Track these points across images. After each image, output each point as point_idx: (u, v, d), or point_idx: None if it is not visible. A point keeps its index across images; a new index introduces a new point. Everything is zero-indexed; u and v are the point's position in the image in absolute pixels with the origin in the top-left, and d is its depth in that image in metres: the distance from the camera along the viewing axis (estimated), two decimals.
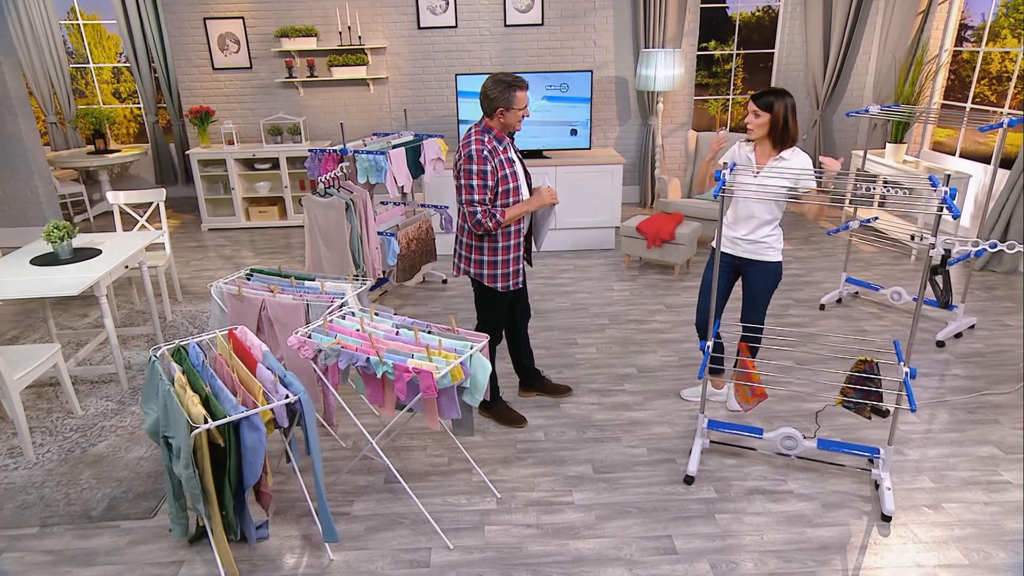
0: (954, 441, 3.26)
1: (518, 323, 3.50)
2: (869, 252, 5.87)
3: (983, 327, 4.39)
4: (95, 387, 3.91)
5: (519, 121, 3.05)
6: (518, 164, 3.17)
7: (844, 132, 7.39)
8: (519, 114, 3.01)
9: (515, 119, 3.02)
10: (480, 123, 3.07)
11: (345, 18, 6.81)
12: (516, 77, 2.98)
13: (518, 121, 3.04)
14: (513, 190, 3.07)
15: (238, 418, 2.23)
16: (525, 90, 2.99)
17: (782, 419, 3.46)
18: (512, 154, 3.14)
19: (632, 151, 7.45)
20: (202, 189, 6.89)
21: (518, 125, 3.06)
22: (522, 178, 3.18)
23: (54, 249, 3.86)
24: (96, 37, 8.56)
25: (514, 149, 3.18)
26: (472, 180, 2.96)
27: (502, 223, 3.04)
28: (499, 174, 3.02)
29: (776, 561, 2.56)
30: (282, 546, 2.69)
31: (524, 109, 3.02)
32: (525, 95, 3.00)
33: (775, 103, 2.98)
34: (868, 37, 7.01)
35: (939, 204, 2.41)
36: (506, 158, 3.06)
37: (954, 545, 2.62)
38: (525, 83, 2.99)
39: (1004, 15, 6.18)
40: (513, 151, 3.16)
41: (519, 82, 2.97)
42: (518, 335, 3.54)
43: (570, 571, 2.54)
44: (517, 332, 3.52)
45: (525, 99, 3.00)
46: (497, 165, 3.01)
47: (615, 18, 6.94)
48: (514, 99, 2.97)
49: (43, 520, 2.84)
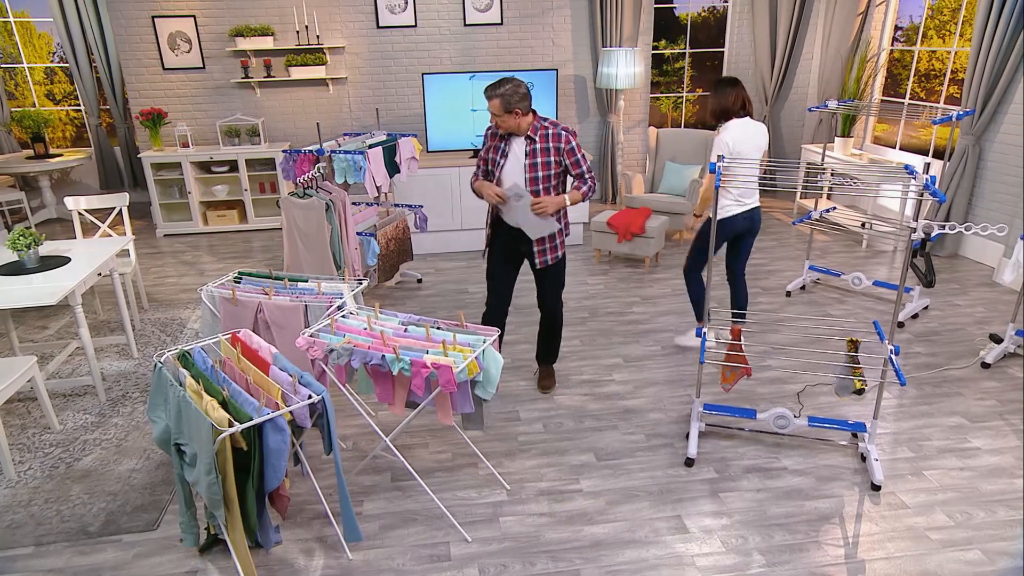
0: (925, 413, 3.48)
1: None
2: (823, 241, 6.17)
3: (935, 307, 4.69)
4: (69, 400, 3.75)
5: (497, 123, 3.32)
6: (512, 158, 3.37)
7: (791, 127, 7.72)
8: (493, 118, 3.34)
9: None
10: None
11: (302, 17, 6.69)
12: (488, 86, 3.24)
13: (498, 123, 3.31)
14: (492, 173, 3.46)
15: (264, 420, 2.20)
16: (487, 97, 3.25)
17: (767, 400, 3.62)
18: (506, 147, 3.38)
19: (591, 149, 7.59)
20: (156, 194, 6.64)
21: (501, 126, 3.32)
22: (507, 170, 3.38)
23: (20, 258, 3.69)
24: (26, 36, 8.13)
25: (530, 150, 3.32)
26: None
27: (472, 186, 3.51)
28: (488, 156, 3.45)
29: (782, 533, 2.69)
30: (297, 549, 2.66)
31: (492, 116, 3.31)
32: (488, 102, 3.26)
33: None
34: (811, 37, 7.36)
35: (921, 190, 2.59)
36: (502, 148, 3.39)
37: (938, 508, 2.82)
38: (488, 94, 3.23)
39: (930, 16, 6.60)
40: (517, 147, 3.36)
41: (486, 91, 3.25)
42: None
43: (589, 555, 2.61)
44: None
45: (488, 105, 3.27)
46: (490, 146, 3.44)
47: (573, 18, 7.06)
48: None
49: (37, 539, 2.72)
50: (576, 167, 3.35)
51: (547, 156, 3.31)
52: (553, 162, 3.32)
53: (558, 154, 3.31)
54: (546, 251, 3.49)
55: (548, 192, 3.37)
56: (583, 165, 3.35)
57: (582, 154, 3.36)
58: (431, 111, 6.02)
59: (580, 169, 3.35)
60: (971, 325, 4.41)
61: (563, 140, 3.30)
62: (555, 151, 3.31)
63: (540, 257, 3.49)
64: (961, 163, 5.40)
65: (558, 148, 3.31)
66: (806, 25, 7.27)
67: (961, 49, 5.95)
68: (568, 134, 3.31)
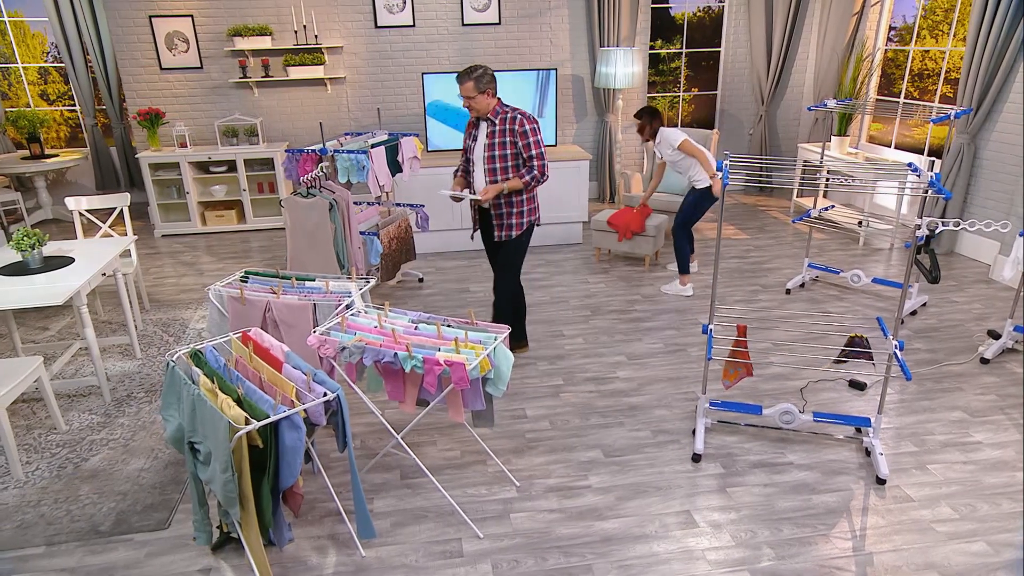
0: (926, 408, 3.53)
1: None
2: (820, 239, 6.22)
3: (934, 304, 4.74)
4: (74, 401, 3.74)
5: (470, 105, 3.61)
6: (479, 140, 3.71)
7: (787, 127, 7.78)
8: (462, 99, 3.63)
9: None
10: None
11: (300, 17, 6.69)
12: (462, 71, 3.52)
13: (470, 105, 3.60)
14: (466, 157, 3.88)
15: (280, 418, 2.21)
16: (459, 82, 3.54)
17: (771, 396, 3.66)
18: (476, 131, 3.75)
19: (589, 148, 7.62)
20: (154, 194, 6.62)
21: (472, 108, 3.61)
22: (476, 152, 3.74)
23: (24, 258, 3.67)
24: (20, 35, 8.08)
25: (490, 132, 3.65)
26: None
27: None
28: (466, 143, 3.86)
29: (790, 527, 2.73)
30: (310, 547, 2.67)
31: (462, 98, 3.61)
32: (459, 86, 3.55)
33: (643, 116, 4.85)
34: (807, 37, 7.41)
35: (926, 187, 2.63)
36: (474, 133, 3.78)
37: (943, 501, 2.86)
38: (461, 78, 3.52)
39: (923, 16, 6.67)
40: (486, 132, 3.67)
41: (458, 75, 3.54)
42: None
43: (600, 550, 2.63)
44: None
45: (459, 89, 3.57)
46: (468, 134, 3.84)
47: (570, 17, 7.08)
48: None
49: (48, 539, 2.71)
50: (527, 150, 3.63)
51: (504, 138, 3.62)
52: (509, 143, 3.63)
53: (513, 136, 3.61)
54: (502, 227, 3.81)
55: (507, 174, 3.68)
56: (533, 150, 3.63)
57: (535, 139, 3.61)
58: (431, 110, 6.02)
59: (530, 152, 3.64)
60: (969, 321, 4.46)
61: (518, 123, 3.60)
62: (511, 133, 3.61)
63: (497, 232, 3.84)
64: (956, 161, 5.46)
65: (513, 130, 3.61)
66: (802, 25, 7.33)
67: (955, 48, 6.02)
68: (525, 119, 3.59)
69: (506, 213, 3.78)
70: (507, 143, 3.63)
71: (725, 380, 3.21)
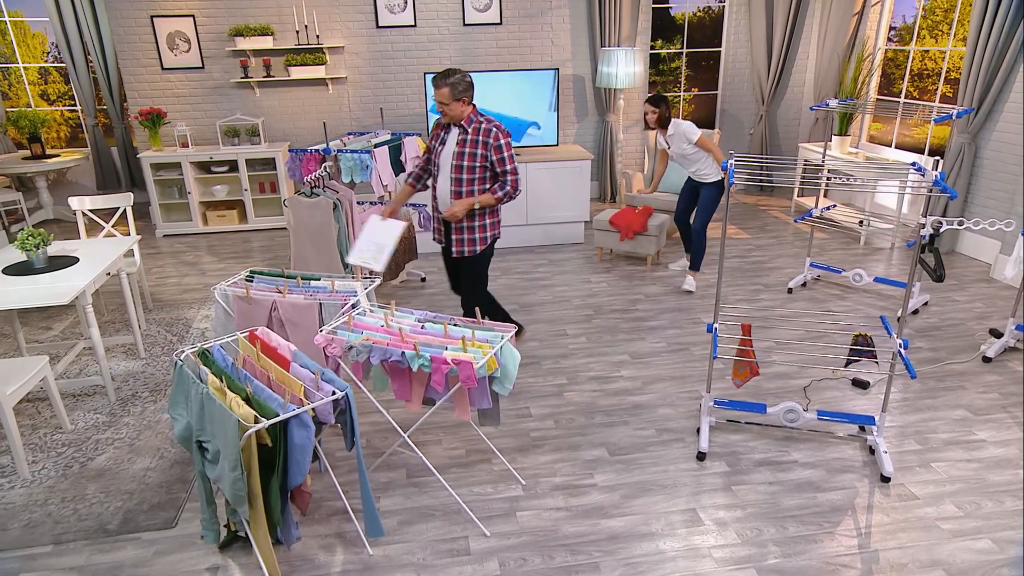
0: (930, 407, 3.54)
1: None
2: (820, 238, 6.24)
3: (935, 303, 4.76)
4: (79, 400, 3.74)
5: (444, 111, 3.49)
6: (447, 146, 3.59)
7: (787, 126, 7.79)
8: (436, 103, 3.49)
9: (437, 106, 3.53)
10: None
11: (302, 17, 6.69)
12: (437, 75, 3.41)
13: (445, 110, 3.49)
14: (431, 161, 3.74)
15: (290, 416, 2.22)
16: (435, 86, 3.43)
17: (774, 395, 3.67)
18: (445, 135, 3.61)
19: (590, 148, 7.63)
20: (155, 194, 6.62)
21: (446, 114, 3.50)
22: (443, 156, 3.61)
23: (29, 258, 3.68)
24: (20, 35, 8.07)
25: (461, 140, 3.51)
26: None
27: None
28: (432, 144, 3.71)
29: (796, 525, 2.74)
30: (317, 545, 2.68)
31: (437, 103, 3.47)
32: (435, 91, 3.43)
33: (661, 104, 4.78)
34: (807, 37, 7.43)
35: (930, 186, 2.64)
36: (442, 137, 3.63)
37: (948, 499, 2.87)
38: (437, 83, 3.41)
39: (922, 17, 6.69)
40: (456, 139, 3.54)
41: (434, 79, 3.43)
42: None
43: (607, 548, 2.64)
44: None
45: (435, 94, 3.44)
46: (434, 136, 3.70)
47: (571, 17, 7.09)
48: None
49: (56, 537, 2.72)
50: (500, 164, 3.53)
51: (475, 148, 3.49)
52: (480, 155, 3.49)
53: (486, 148, 3.48)
54: (464, 242, 3.68)
55: (472, 184, 3.54)
56: (507, 165, 3.52)
57: (510, 154, 3.51)
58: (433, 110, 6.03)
59: (504, 168, 3.53)
60: (970, 320, 4.48)
61: (492, 136, 3.48)
62: (483, 145, 3.48)
63: (457, 247, 3.71)
64: (957, 161, 5.48)
65: (486, 143, 3.48)
66: (802, 25, 7.34)
67: (955, 48, 6.04)
68: (500, 132, 3.48)
69: (469, 227, 3.64)
70: (478, 154, 3.49)
71: (736, 379, 3.22)
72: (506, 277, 5.46)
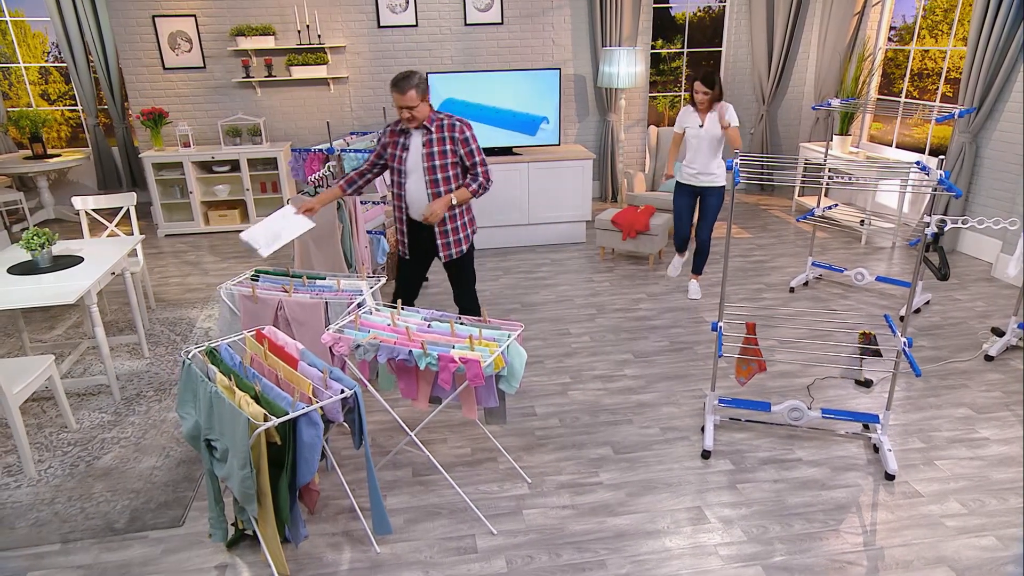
0: (933, 405, 3.56)
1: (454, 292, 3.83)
2: (821, 237, 6.25)
3: (937, 302, 4.78)
4: (84, 399, 3.75)
5: (402, 117, 3.36)
6: (412, 150, 3.44)
7: (788, 126, 7.81)
8: (397, 110, 3.34)
9: (398, 113, 3.39)
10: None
11: (303, 16, 6.70)
12: (398, 79, 3.25)
13: (401, 116, 3.37)
14: (396, 170, 3.51)
15: (299, 414, 2.22)
16: (398, 92, 3.26)
17: (777, 394, 3.68)
18: (406, 140, 3.45)
19: (591, 147, 7.64)
20: (157, 194, 6.62)
21: (403, 120, 3.38)
22: (409, 163, 3.44)
23: (34, 257, 3.68)
24: (21, 35, 8.06)
25: (427, 140, 3.40)
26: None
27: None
28: (389, 150, 3.53)
29: (801, 523, 2.75)
30: (325, 544, 2.69)
31: (400, 109, 3.32)
32: (398, 96, 3.27)
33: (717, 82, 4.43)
34: (808, 37, 7.44)
35: (935, 185, 2.65)
36: (402, 142, 3.46)
37: (952, 497, 2.88)
38: (402, 86, 3.25)
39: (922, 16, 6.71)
40: (421, 141, 3.42)
41: (395, 84, 3.26)
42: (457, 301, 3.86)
43: (613, 546, 2.65)
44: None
45: (398, 100, 3.28)
46: (390, 143, 3.51)
47: (572, 17, 7.10)
48: (392, 95, 3.31)
49: (64, 536, 2.73)
50: (470, 157, 3.46)
51: (443, 145, 3.41)
52: (449, 151, 3.43)
53: (453, 143, 3.42)
54: (450, 244, 3.59)
55: (448, 183, 3.46)
56: (477, 157, 3.47)
57: (477, 146, 3.46)
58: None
59: (473, 160, 3.47)
60: (972, 319, 4.49)
61: (458, 130, 3.41)
62: (450, 140, 3.42)
63: (444, 251, 3.60)
64: (958, 160, 5.50)
65: (453, 138, 3.41)
66: (802, 25, 7.36)
67: (955, 48, 6.05)
68: (464, 125, 3.43)
69: (452, 229, 3.56)
70: (447, 151, 3.42)
71: (740, 377, 3.23)
72: (508, 276, 5.47)
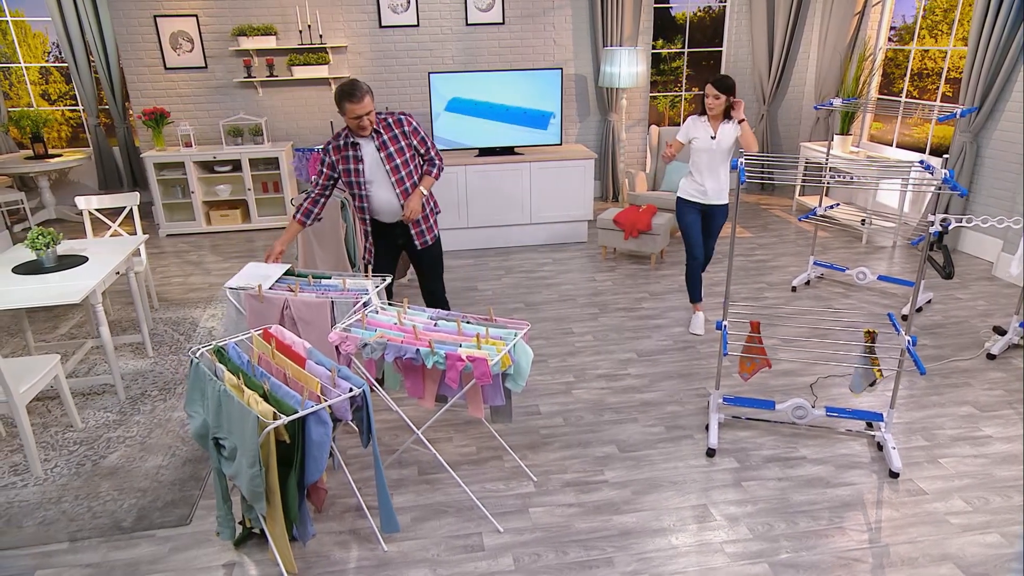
0: (936, 403, 3.57)
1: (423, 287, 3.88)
2: (822, 237, 6.27)
3: (938, 301, 4.79)
4: (89, 399, 3.75)
5: (358, 128, 3.27)
6: (368, 160, 3.39)
7: (788, 126, 7.83)
8: (353, 122, 3.25)
9: (352, 125, 3.28)
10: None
11: (305, 16, 6.70)
12: (350, 90, 3.15)
13: (357, 128, 3.27)
14: (356, 184, 3.43)
15: (309, 413, 2.23)
16: (355, 102, 3.16)
17: (781, 392, 3.70)
18: (358, 152, 3.36)
19: (592, 147, 7.65)
20: (159, 194, 6.62)
21: (358, 131, 3.29)
22: (369, 174, 3.40)
23: (38, 257, 3.68)
24: (21, 35, 8.06)
25: (380, 144, 3.36)
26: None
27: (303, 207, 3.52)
28: (340, 167, 3.42)
29: (806, 520, 2.76)
30: (332, 542, 2.69)
31: (357, 119, 3.22)
32: (355, 107, 3.17)
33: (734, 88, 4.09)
34: (808, 37, 7.46)
35: (940, 185, 2.67)
36: (353, 155, 3.37)
37: (956, 494, 2.90)
38: (358, 96, 3.16)
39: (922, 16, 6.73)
40: (374, 147, 3.36)
41: (350, 95, 3.16)
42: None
43: (619, 544, 2.66)
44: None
45: (355, 110, 3.18)
46: (339, 159, 3.40)
47: (574, 17, 7.12)
48: (344, 109, 3.20)
49: (71, 535, 2.73)
50: (423, 145, 3.48)
51: (398, 143, 3.40)
52: (405, 147, 3.42)
53: (406, 137, 3.41)
54: (423, 232, 3.65)
55: (411, 177, 3.47)
56: (429, 142, 3.51)
57: (425, 132, 3.48)
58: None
59: (426, 146, 3.50)
60: (974, 318, 4.51)
61: (405, 123, 3.41)
62: (402, 136, 3.41)
63: (419, 240, 3.64)
64: (959, 160, 5.52)
65: (404, 132, 3.41)
66: (803, 25, 7.38)
67: (955, 48, 6.07)
68: (406, 117, 3.43)
69: (424, 218, 3.63)
70: (403, 147, 3.40)
71: (743, 373, 3.25)
72: (511, 276, 5.48)
